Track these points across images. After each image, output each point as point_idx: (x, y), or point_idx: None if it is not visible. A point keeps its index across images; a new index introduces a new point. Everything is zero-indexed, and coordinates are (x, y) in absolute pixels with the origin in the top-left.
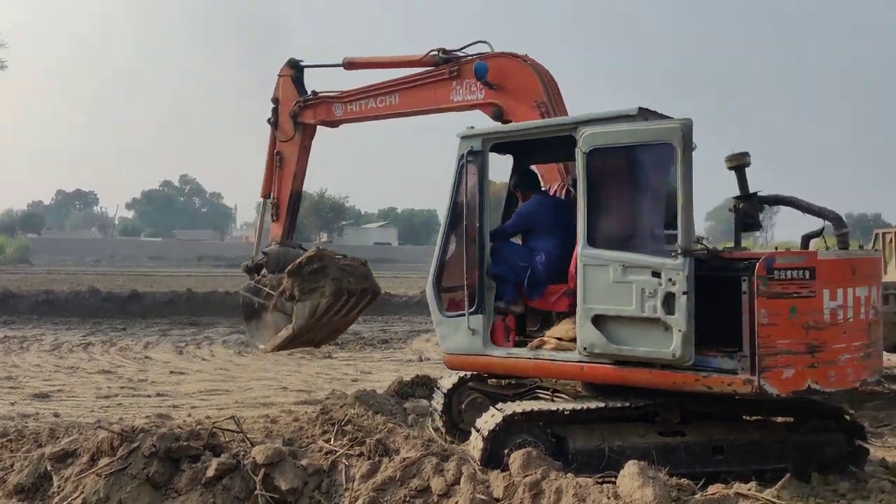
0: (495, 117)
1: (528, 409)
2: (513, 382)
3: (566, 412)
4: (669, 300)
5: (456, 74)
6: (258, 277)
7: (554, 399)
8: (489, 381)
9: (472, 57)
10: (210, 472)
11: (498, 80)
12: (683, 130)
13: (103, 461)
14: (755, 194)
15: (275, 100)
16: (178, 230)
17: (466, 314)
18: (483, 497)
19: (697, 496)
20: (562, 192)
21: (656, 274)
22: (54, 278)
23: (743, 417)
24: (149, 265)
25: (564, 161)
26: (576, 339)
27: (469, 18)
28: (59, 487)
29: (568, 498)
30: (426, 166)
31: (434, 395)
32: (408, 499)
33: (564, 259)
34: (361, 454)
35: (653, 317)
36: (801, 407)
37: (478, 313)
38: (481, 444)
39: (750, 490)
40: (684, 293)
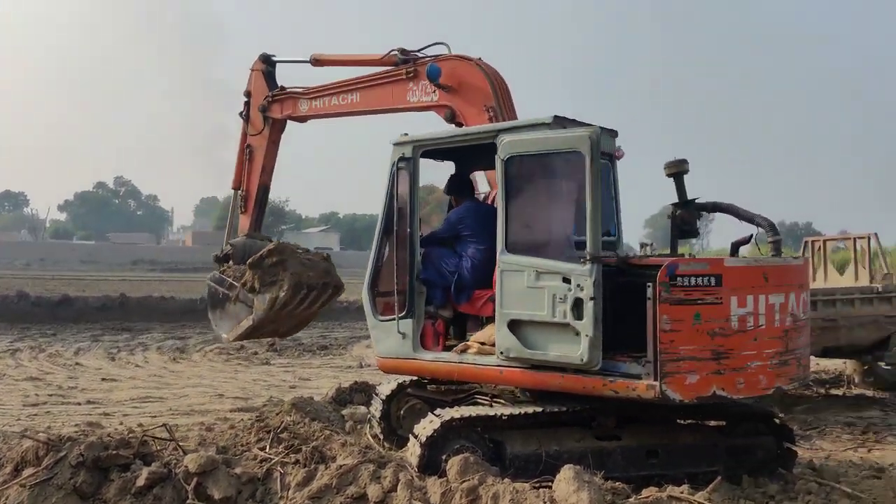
0: (448, 119)
1: (467, 415)
2: (452, 388)
3: (504, 417)
4: (578, 305)
5: (412, 75)
6: (223, 268)
7: (492, 404)
8: (428, 387)
9: (429, 58)
10: (140, 482)
11: (451, 83)
12: (591, 139)
13: (28, 471)
14: (693, 201)
15: (247, 93)
16: (113, 233)
17: (397, 318)
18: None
19: (632, 500)
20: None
21: (566, 280)
22: None
23: (677, 422)
24: (81, 269)
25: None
26: None
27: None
28: None
29: (505, 503)
30: (369, 170)
31: (372, 402)
32: None
33: (491, 265)
34: (297, 462)
35: (563, 322)
36: (732, 411)
37: (408, 317)
38: (419, 451)
39: (682, 493)
40: (591, 299)
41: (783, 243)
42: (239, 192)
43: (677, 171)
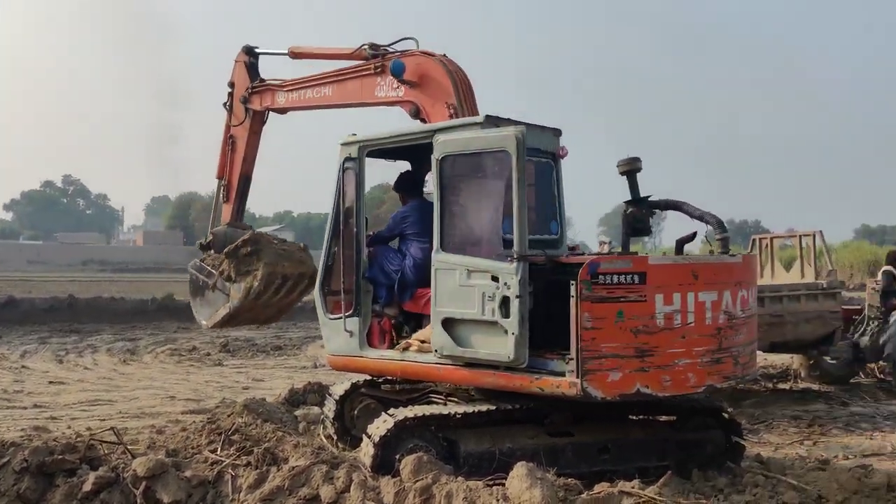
0: (413, 115)
1: (420, 414)
2: (407, 387)
3: (457, 416)
4: (505, 303)
5: (380, 70)
6: (204, 256)
7: (447, 403)
8: (382, 387)
9: (396, 53)
10: (87, 487)
11: (415, 79)
12: (517, 138)
13: None
14: (645, 199)
15: (230, 84)
16: (61, 233)
17: (343, 317)
18: None
19: (584, 495)
20: None
21: (495, 278)
22: None
23: (629, 417)
24: (28, 269)
25: None
26: None
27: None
28: None
29: (458, 501)
30: (324, 168)
31: (326, 402)
32: None
33: None
34: (249, 464)
35: (491, 320)
36: (682, 406)
37: (355, 316)
38: (372, 451)
39: (633, 488)
40: (518, 297)
41: (732, 241)
42: (222, 182)
43: (630, 170)
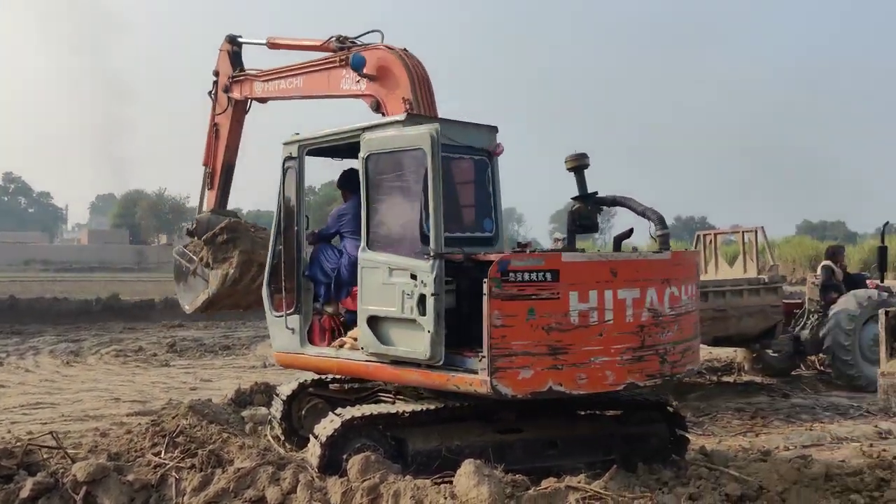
0: (374, 109)
1: (367, 413)
2: (355, 386)
3: (405, 414)
4: (422, 301)
5: (345, 63)
6: (188, 242)
7: (395, 401)
8: (330, 386)
9: (360, 46)
10: (24, 493)
11: (375, 73)
12: (432, 136)
13: None
14: (592, 195)
15: (215, 73)
16: (2, 232)
17: (285, 314)
18: None
19: (531, 491)
20: None
21: (413, 276)
22: None
23: (577, 413)
24: None
25: None
26: None
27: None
28: None
29: (406, 500)
30: (273, 165)
31: (273, 402)
32: None
33: None
34: (193, 466)
35: (410, 318)
36: (626, 401)
37: (296, 314)
38: (319, 451)
39: (579, 483)
40: (433, 295)
41: (679, 237)
42: (207, 169)
43: (577, 166)
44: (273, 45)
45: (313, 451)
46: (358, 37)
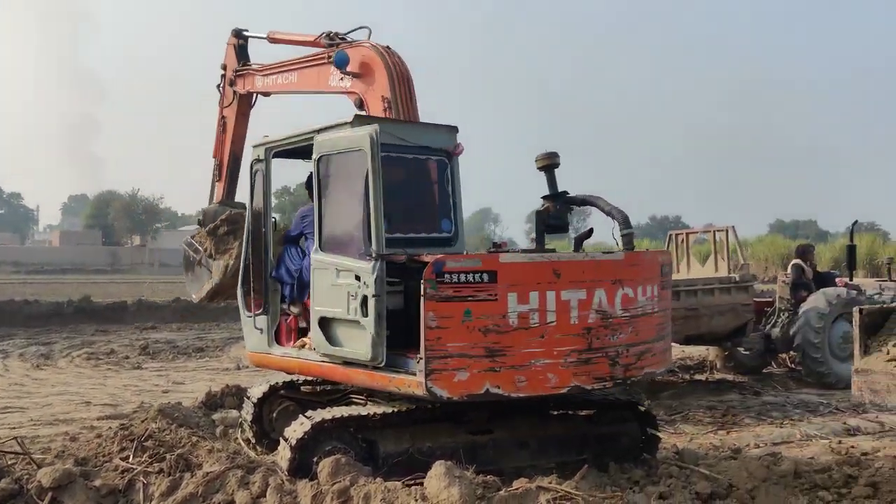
0: (358, 107)
1: (338, 416)
2: (328, 388)
3: (375, 416)
4: (365, 303)
5: (332, 60)
6: (195, 232)
7: (367, 403)
8: (302, 388)
9: (348, 43)
10: None
11: (359, 70)
12: (371, 137)
13: None
14: (562, 194)
15: (223, 66)
16: None
17: (253, 315)
18: None
19: (502, 492)
20: None
21: (357, 277)
22: None
23: (549, 413)
24: None
25: None
26: None
27: None
28: None
29: (376, 502)
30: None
31: (244, 405)
32: None
33: None
34: (161, 471)
35: (354, 319)
36: (597, 400)
37: (264, 314)
38: (289, 454)
39: (550, 483)
40: (374, 296)
41: (654, 236)
42: (216, 161)
43: (547, 164)
44: (273, 40)
45: (283, 454)
46: (347, 33)
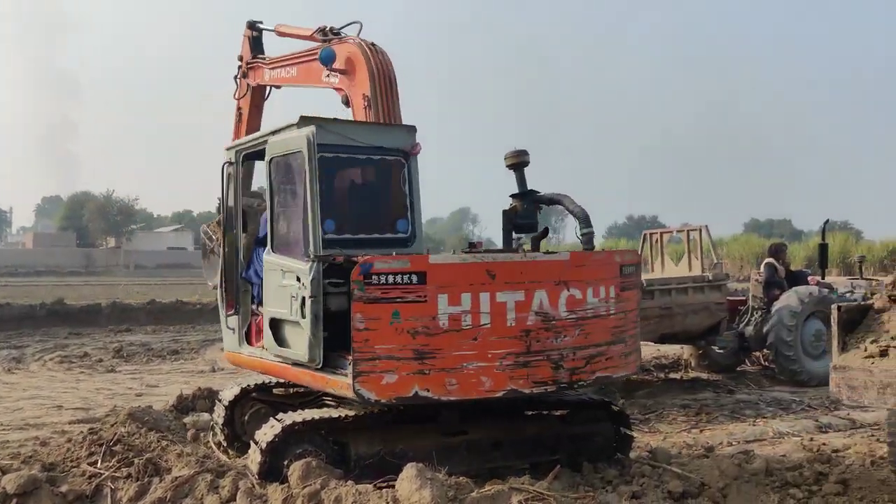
0: (344, 103)
1: (309, 418)
2: (301, 390)
3: (347, 419)
4: (304, 304)
5: (318, 56)
6: (212, 221)
7: (339, 405)
8: (274, 391)
9: (340, 39)
10: None
11: (344, 67)
12: (308, 138)
13: None
14: (531, 193)
15: (239, 58)
16: None
17: (225, 315)
18: None
19: (474, 493)
20: None
21: (299, 279)
22: None
23: (523, 413)
24: None
25: None
26: None
27: None
28: None
29: None
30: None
31: (215, 408)
32: None
33: None
34: (129, 476)
35: (295, 320)
36: (570, 400)
37: (235, 314)
38: (259, 457)
39: (523, 484)
40: (311, 297)
41: (630, 236)
42: None
43: (517, 163)
44: (279, 33)
45: (254, 458)
46: (341, 28)
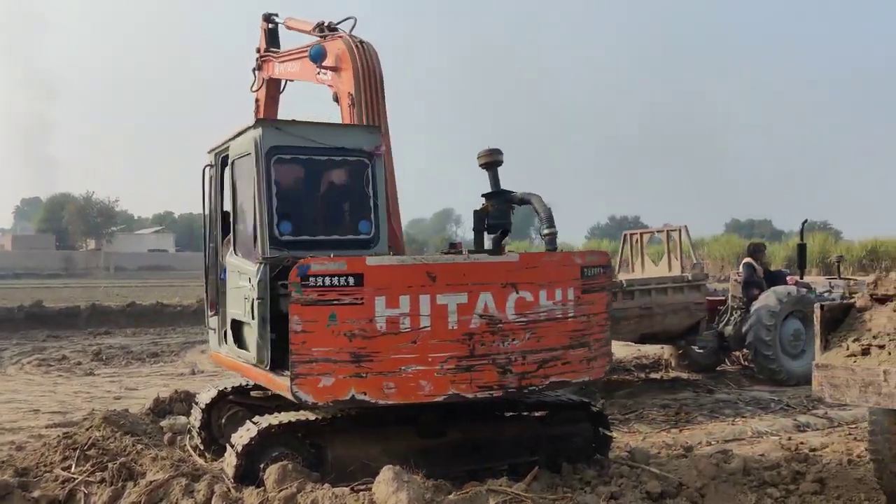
0: (335, 101)
1: (285, 421)
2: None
3: (324, 421)
4: (253, 306)
5: (309, 53)
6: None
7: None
8: (252, 394)
9: (335, 35)
10: None
11: (334, 64)
12: (255, 140)
13: None
14: (503, 193)
15: (257, 50)
16: None
17: (207, 315)
18: None
19: (451, 496)
20: None
21: (250, 280)
22: None
23: (504, 414)
24: None
25: None
26: None
27: None
28: None
29: None
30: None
31: (192, 411)
32: None
33: None
34: (103, 480)
35: (248, 321)
36: (549, 401)
37: (216, 315)
38: (235, 461)
39: (501, 485)
40: (258, 299)
41: (612, 236)
42: None
43: (489, 162)
44: (287, 27)
45: (229, 461)
46: (339, 23)
